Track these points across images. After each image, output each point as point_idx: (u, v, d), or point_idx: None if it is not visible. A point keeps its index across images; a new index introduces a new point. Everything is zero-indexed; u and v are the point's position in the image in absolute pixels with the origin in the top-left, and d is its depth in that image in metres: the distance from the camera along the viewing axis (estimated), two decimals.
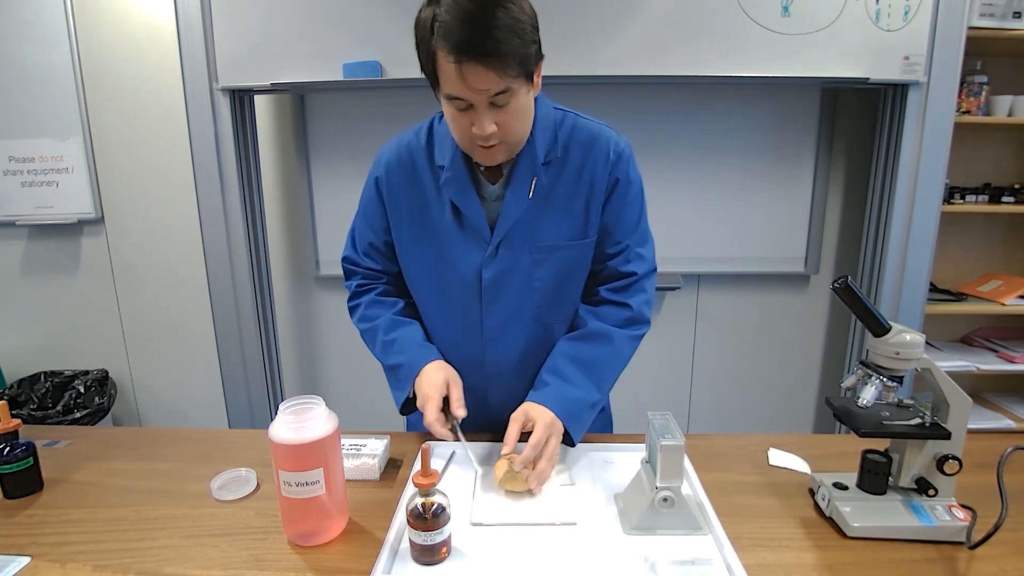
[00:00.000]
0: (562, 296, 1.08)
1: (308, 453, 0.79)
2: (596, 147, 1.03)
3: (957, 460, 0.83)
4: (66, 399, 2.38)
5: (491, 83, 0.85)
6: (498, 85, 0.86)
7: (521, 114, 0.93)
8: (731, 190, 2.34)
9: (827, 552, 0.81)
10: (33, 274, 2.50)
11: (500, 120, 0.90)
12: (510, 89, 0.87)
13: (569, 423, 0.99)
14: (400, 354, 1.07)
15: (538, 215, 1.03)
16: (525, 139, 0.99)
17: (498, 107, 0.89)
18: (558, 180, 1.03)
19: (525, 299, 1.06)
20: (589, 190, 1.03)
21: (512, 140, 0.95)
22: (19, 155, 2.34)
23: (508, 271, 1.04)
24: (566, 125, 1.04)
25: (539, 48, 0.91)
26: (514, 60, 0.85)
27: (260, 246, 2.27)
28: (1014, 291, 2.20)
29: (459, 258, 1.05)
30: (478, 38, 0.82)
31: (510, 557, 0.80)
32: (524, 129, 0.97)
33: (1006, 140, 2.30)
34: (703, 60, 1.95)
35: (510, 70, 0.85)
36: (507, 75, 0.85)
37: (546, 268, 1.05)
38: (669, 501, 0.83)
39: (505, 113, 0.90)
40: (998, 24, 1.95)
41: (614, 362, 1.07)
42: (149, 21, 2.24)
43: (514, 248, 1.04)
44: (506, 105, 0.89)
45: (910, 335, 0.81)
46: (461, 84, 0.85)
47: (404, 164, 1.08)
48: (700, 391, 2.60)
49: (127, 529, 0.87)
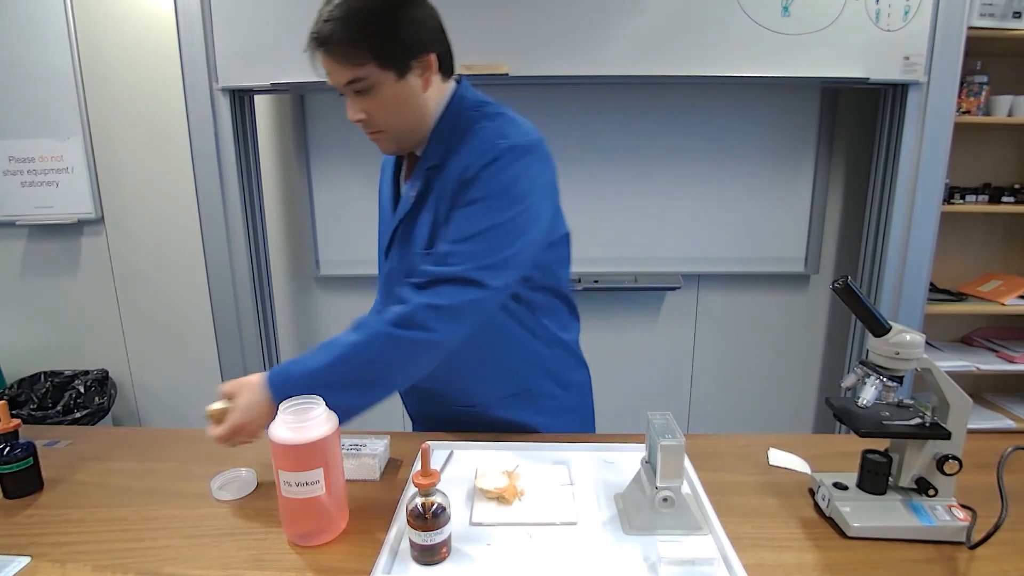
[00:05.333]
0: None
1: (308, 453, 0.79)
2: (474, 149, 0.94)
3: (957, 460, 0.83)
4: (66, 399, 2.38)
5: (337, 72, 0.90)
6: (346, 74, 0.89)
7: (391, 105, 0.93)
8: (731, 190, 2.34)
9: (827, 552, 0.81)
10: (33, 274, 2.50)
11: (368, 109, 0.93)
12: (365, 78, 0.90)
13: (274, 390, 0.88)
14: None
15: (415, 220, 1.02)
16: (417, 132, 0.98)
17: (362, 95, 0.92)
18: (434, 186, 0.98)
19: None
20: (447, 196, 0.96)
21: (392, 131, 0.97)
22: (19, 155, 2.34)
23: (395, 270, 1.08)
24: (463, 127, 0.97)
25: (415, 43, 0.91)
26: (357, 50, 0.88)
27: (260, 246, 2.27)
28: (1014, 291, 2.20)
29: (379, 252, 1.14)
30: (320, 28, 0.88)
31: (510, 557, 0.80)
32: (401, 121, 0.96)
33: (1006, 140, 2.30)
34: (703, 60, 1.95)
35: (355, 59, 0.88)
36: (352, 64, 0.89)
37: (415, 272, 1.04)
38: (669, 501, 0.82)
39: (370, 102, 0.93)
40: (998, 24, 1.95)
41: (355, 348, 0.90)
42: (149, 21, 2.24)
43: (397, 249, 1.07)
44: (368, 93, 0.92)
45: (910, 335, 0.81)
46: (324, 73, 0.92)
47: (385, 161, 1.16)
48: (700, 391, 2.60)
49: (127, 529, 0.87)
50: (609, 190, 2.31)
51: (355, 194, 2.35)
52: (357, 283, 2.47)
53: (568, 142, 2.25)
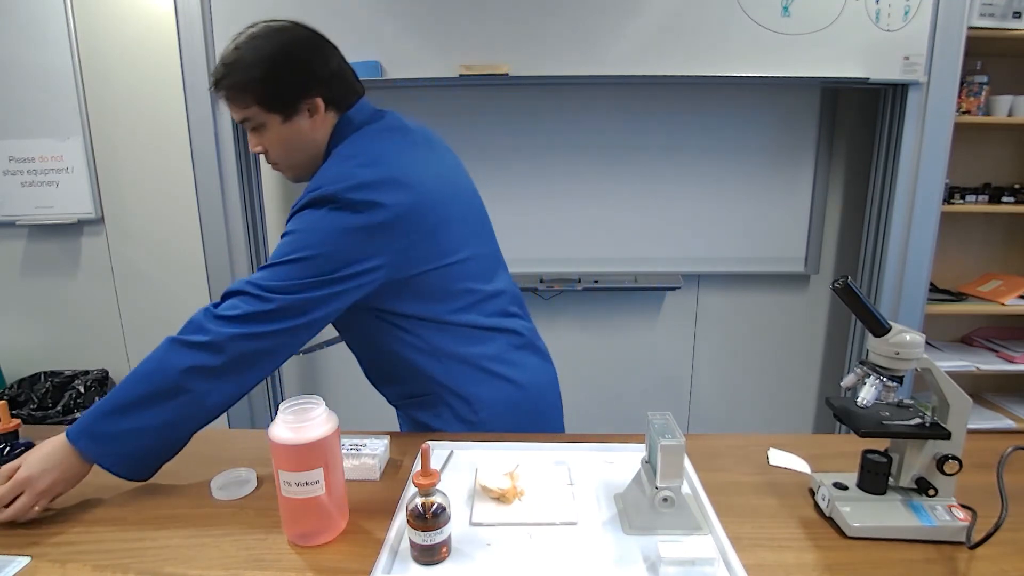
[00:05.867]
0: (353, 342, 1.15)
1: (308, 453, 0.79)
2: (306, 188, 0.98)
3: (957, 460, 0.83)
4: (66, 399, 2.38)
5: (231, 109, 1.00)
6: (237, 113, 0.99)
7: (278, 142, 1.02)
8: (731, 190, 2.34)
9: (827, 552, 0.81)
10: (33, 274, 2.50)
11: (261, 143, 1.02)
12: (252, 119, 0.99)
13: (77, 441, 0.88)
14: None
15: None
16: (307, 165, 1.05)
17: (255, 132, 1.01)
18: None
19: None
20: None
21: (285, 164, 1.06)
22: (19, 155, 2.34)
23: None
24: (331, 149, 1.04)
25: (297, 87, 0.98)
26: (244, 94, 0.97)
27: (260, 246, 2.27)
28: (1014, 291, 2.20)
29: None
30: (215, 71, 0.98)
31: (510, 557, 0.80)
32: (293, 156, 1.04)
33: (1006, 140, 2.30)
34: (703, 60, 1.95)
35: (241, 102, 0.97)
36: (239, 106, 0.98)
37: None
38: (669, 501, 0.82)
39: (263, 138, 1.02)
40: (998, 24, 1.95)
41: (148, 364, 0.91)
42: (149, 21, 2.24)
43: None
44: (259, 131, 1.01)
45: (910, 335, 0.81)
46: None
47: None
48: (700, 391, 2.60)
49: (127, 529, 0.87)
50: (609, 190, 2.31)
51: None
52: None
53: (568, 142, 2.25)
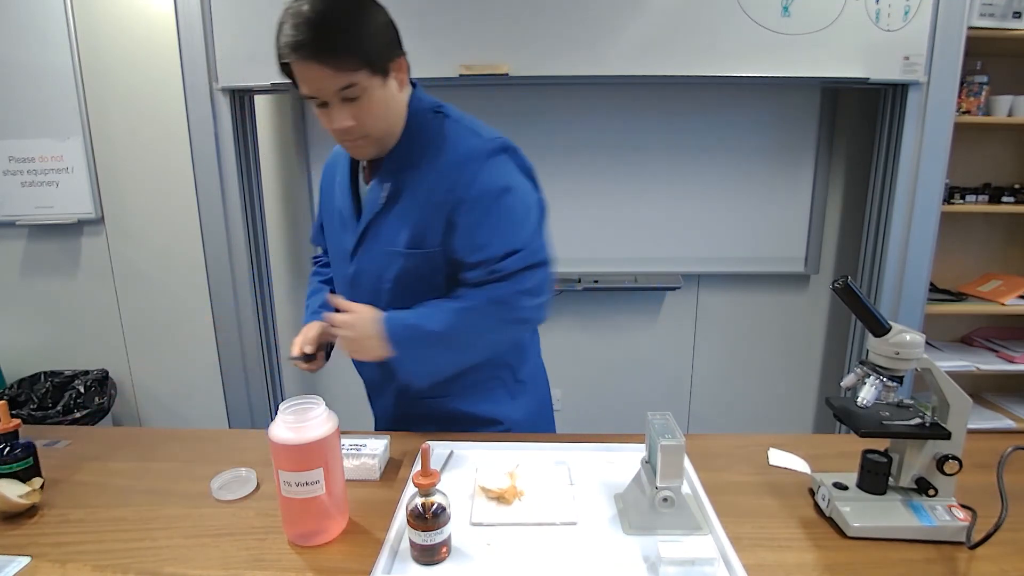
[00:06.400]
0: (411, 298, 1.06)
1: (308, 453, 0.79)
2: (445, 155, 0.99)
3: (957, 460, 0.83)
4: (66, 399, 2.38)
5: (330, 79, 0.89)
6: (338, 80, 0.89)
7: (377, 109, 0.95)
8: (731, 190, 2.34)
9: (827, 552, 0.81)
10: (33, 274, 2.50)
11: (355, 114, 0.93)
12: (356, 84, 0.90)
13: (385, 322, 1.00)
14: (305, 315, 1.23)
15: (388, 219, 1.04)
16: (394, 134, 1.01)
17: (351, 101, 0.92)
18: (408, 186, 1.02)
19: (377, 298, 1.08)
20: (429, 199, 1.00)
21: (375, 134, 0.98)
22: (19, 155, 2.34)
23: (363, 269, 1.09)
24: (433, 129, 1.02)
25: (392, 45, 0.94)
26: (347, 55, 0.88)
27: (260, 246, 2.27)
28: (1014, 291, 2.20)
29: (338, 252, 1.14)
30: (310, 36, 0.87)
31: (510, 557, 0.80)
32: (385, 124, 0.98)
33: (1006, 140, 2.30)
34: (703, 60, 1.95)
35: (345, 65, 0.88)
36: (343, 70, 0.88)
37: (392, 271, 1.05)
38: (669, 501, 0.83)
39: (359, 108, 0.93)
40: (998, 24, 1.95)
41: (463, 312, 1.00)
42: (149, 21, 2.24)
43: (368, 248, 1.07)
44: (358, 99, 0.92)
45: (910, 335, 0.81)
46: (306, 83, 0.91)
47: (330, 164, 1.17)
48: (700, 391, 2.60)
49: (127, 529, 0.87)
50: (609, 190, 2.31)
51: None
52: None
53: (568, 142, 2.25)
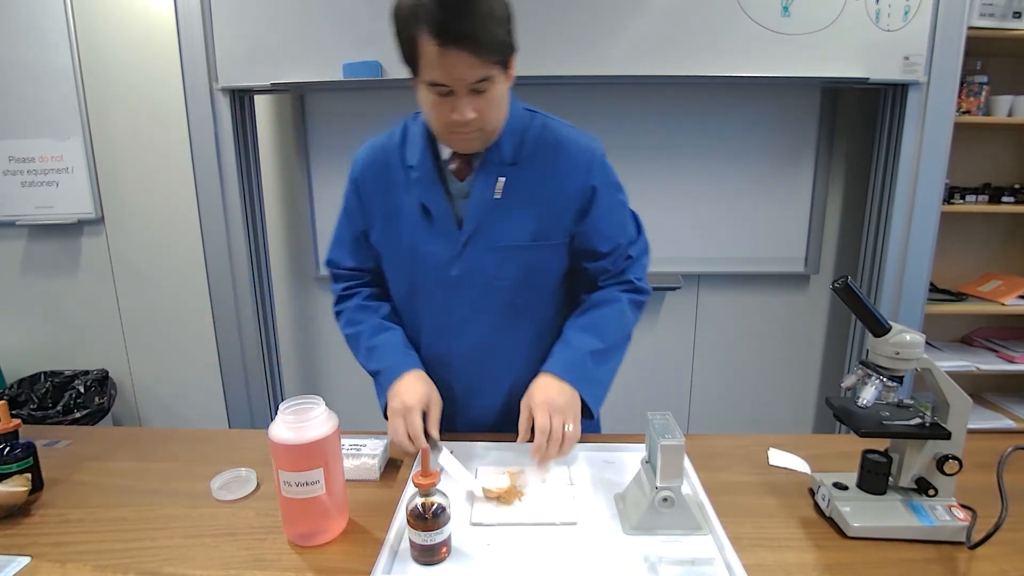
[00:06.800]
0: (528, 293, 1.09)
1: (308, 453, 0.79)
2: (565, 151, 1.04)
3: (957, 460, 0.83)
4: (66, 399, 2.38)
5: (473, 69, 0.87)
6: (479, 72, 0.88)
7: (498, 102, 0.96)
8: (731, 190, 2.34)
9: (827, 552, 0.81)
10: (33, 274, 2.50)
11: (479, 107, 0.92)
12: (490, 76, 0.90)
13: (568, 374, 1.02)
14: (382, 360, 1.09)
15: (503, 215, 1.04)
16: (500, 128, 1.01)
17: (478, 94, 0.91)
18: (524, 180, 1.03)
19: (490, 296, 1.07)
20: (557, 193, 1.04)
21: (489, 128, 0.98)
22: (19, 155, 2.34)
23: (473, 268, 1.06)
24: (535, 126, 1.05)
25: (514, 40, 0.93)
26: (494, 47, 0.88)
27: (260, 246, 2.27)
28: (1014, 291, 2.20)
29: (428, 256, 1.07)
30: (462, 23, 0.84)
31: (510, 557, 0.80)
32: (500, 118, 0.99)
33: (1006, 140, 2.30)
34: (703, 60, 1.95)
35: (491, 57, 0.88)
36: (488, 61, 0.88)
37: (511, 266, 1.06)
38: (669, 501, 0.82)
39: (484, 100, 0.92)
40: (998, 24, 1.95)
41: (615, 318, 1.09)
42: (149, 21, 2.24)
43: (479, 246, 1.05)
44: (486, 92, 0.92)
45: (910, 335, 0.81)
46: (443, 70, 0.87)
47: (377, 165, 1.10)
48: (700, 391, 2.60)
49: (127, 529, 0.87)
50: None
51: None
52: None
53: None
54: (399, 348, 1.10)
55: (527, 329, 1.12)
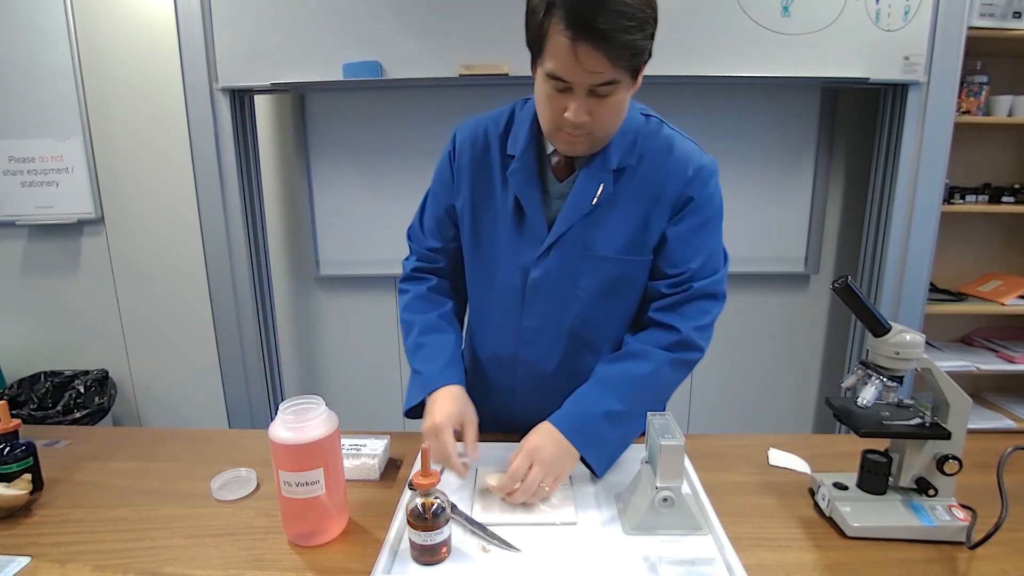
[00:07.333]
0: (606, 309, 1.03)
1: (308, 453, 0.79)
2: (671, 161, 0.98)
3: (957, 460, 0.83)
4: (66, 399, 2.38)
5: (601, 69, 0.81)
6: (606, 74, 0.82)
7: (617, 109, 0.89)
8: (731, 190, 2.29)
9: (827, 552, 0.81)
10: (33, 274, 2.50)
11: (594, 111, 0.86)
12: (616, 81, 0.83)
13: (574, 433, 0.93)
14: (425, 363, 1.04)
15: (596, 222, 0.98)
16: (611, 136, 0.95)
17: (597, 97, 0.85)
18: (625, 189, 0.98)
19: (567, 306, 1.02)
20: (653, 205, 0.98)
21: (600, 134, 0.92)
22: (19, 155, 2.34)
23: (554, 274, 1.01)
24: (647, 133, 0.99)
25: (651, 47, 0.86)
26: (629, 51, 0.81)
27: (260, 246, 2.27)
28: (1014, 291, 2.20)
29: (510, 252, 1.02)
30: (603, 20, 0.77)
31: (510, 557, 0.80)
32: (615, 125, 0.93)
33: (1006, 140, 2.30)
34: (703, 60, 1.95)
35: (622, 61, 0.81)
36: (618, 65, 0.81)
37: (593, 278, 1.00)
38: (669, 501, 0.82)
39: (602, 104, 0.86)
40: (998, 24, 1.95)
41: (647, 381, 0.98)
42: (149, 21, 2.24)
43: (565, 252, 1.00)
44: (606, 96, 0.85)
45: (910, 335, 0.81)
46: (570, 64, 0.81)
47: (477, 145, 1.04)
48: (700, 391, 2.60)
49: (127, 529, 0.87)
50: None
51: (355, 194, 2.35)
52: (357, 283, 2.47)
53: None
54: (444, 357, 1.04)
55: (598, 348, 1.05)
